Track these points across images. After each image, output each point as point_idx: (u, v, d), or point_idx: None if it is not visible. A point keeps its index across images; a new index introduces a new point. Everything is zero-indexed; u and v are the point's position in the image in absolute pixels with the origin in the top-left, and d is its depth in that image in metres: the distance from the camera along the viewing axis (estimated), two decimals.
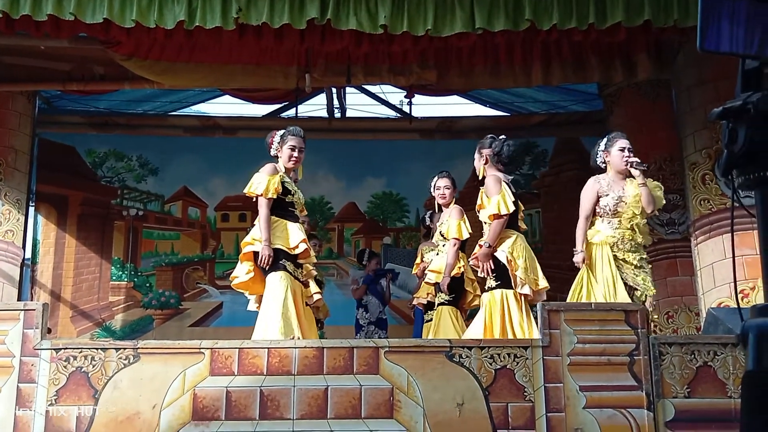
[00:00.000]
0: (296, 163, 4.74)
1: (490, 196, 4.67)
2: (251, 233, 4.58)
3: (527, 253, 4.72)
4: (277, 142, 4.73)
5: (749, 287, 5.77)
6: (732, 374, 3.77)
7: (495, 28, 5.28)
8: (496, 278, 4.65)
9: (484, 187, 4.78)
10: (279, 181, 4.58)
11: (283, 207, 4.63)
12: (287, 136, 4.73)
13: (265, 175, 4.58)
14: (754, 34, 1.27)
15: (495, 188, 4.67)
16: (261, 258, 4.39)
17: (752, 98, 1.25)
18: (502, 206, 4.59)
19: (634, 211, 4.70)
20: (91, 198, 8.85)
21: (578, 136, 9.00)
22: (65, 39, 6.15)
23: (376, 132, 9.25)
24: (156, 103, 9.21)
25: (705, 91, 6.35)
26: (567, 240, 8.77)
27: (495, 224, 4.63)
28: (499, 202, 4.60)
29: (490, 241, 4.63)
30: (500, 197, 4.61)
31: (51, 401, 3.72)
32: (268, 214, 4.52)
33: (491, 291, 4.65)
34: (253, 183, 4.60)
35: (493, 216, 4.62)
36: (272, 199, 4.55)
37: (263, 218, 4.50)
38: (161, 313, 8.70)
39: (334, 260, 9.05)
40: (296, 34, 5.77)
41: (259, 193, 4.54)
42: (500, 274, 4.64)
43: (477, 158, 4.90)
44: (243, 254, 4.57)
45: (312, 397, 3.72)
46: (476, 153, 4.91)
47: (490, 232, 4.65)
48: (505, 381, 3.73)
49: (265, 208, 4.53)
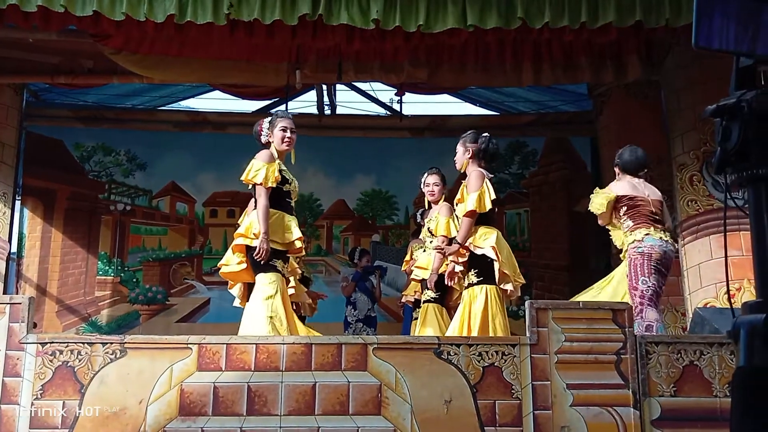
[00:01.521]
0: (290, 145, 4.60)
1: (470, 192, 4.66)
2: (247, 224, 4.43)
3: (508, 250, 4.73)
4: (267, 127, 4.60)
5: (734, 288, 5.81)
6: (718, 374, 3.80)
7: (487, 26, 5.29)
8: (478, 274, 4.64)
9: (465, 181, 4.78)
10: (277, 170, 4.45)
11: (280, 197, 4.50)
12: (276, 119, 4.62)
13: (263, 163, 4.41)
14: (747, 32, 1.28)
15: (476, 184, 4.67)
16: (258, 251, 4.25)
17: (746, 96, 1.26)
18: (479, 203, 4.60)
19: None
20: (79, 192, 8.79)
21: (568, 136, 9.05)
22: (54, 31, 6.10)
23: (367, 129, 9.24)
24: (145, 98, 9.15)
25: (694, 92, 6.40)
26: (555, 239, 8.91)
27: (467, 221, 4.62)
28: (478, 198, 4.59)
29: (461, 239, 4.62)
30: (479, 194, 4.61)
31: (36, 395, 3.70)
32: (267, 204, 4.36)
33: (473, 287, 4.64)
34: (252, 170, 4.41)
35: (469, 213, 4.61)
36: (271, 189, 4.41)
37: (262, 209, 4.34)
38: (148, 309, 8.65)
39: (322, 257, 9.04)
40: (287, 31, 5.74)
41: (258, 182, 4.37)
42: (482, 269, 4.62)
43: (461, 151, 4.88)
44: (235, 245, 4.45)
45: (300, 394, 3.71)
46: (460, 146, 4.89)
47: (462, 229, 4.65)
48: (493, 378, 3.74)
49: (264, 198, 4.37)
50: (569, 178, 8.84)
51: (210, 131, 9.02)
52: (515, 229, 8.93)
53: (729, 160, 1.27)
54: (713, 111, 1.30)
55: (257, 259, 4.29)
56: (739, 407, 1.19)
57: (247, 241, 4.38)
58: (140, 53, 6.63)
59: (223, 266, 4.55)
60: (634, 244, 4.73)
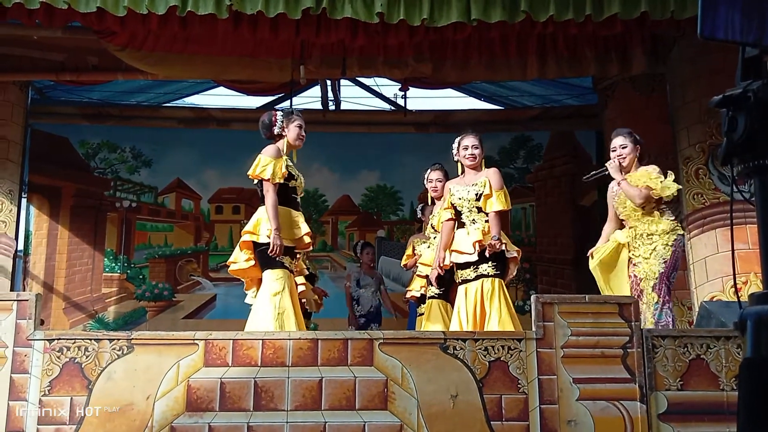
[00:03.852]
0: (302, 142, 4.66)
1: (496, 189, 4.68)
2: (255, 221, 4.43)
3: None
4: (281, 120, 4.61)
5: (741, 281, 5.79)
6: (725, 367, 3.79)
7: (491, 20, 5.27)
8: (496, 267, 4.61)
9: (489, 178, 4.74)
10: (284, 165, 4.46)
11: (287, 193, 4.51)
12: (293, 116, 4.65)
13: (271, 158, 4.42)
14: (752, 22, 1.27)
15: (501, 181, 4.73)
16: (272, 248, 4.26)
17: (752, 86, 1.25)
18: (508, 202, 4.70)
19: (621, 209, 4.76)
20: (84, 189, 8.82)
21: (573, 130, 9.03)
22: (58, 28, 6.11)
23: (371, 125, 9.23)
24: (150, 94, 9.17)
25: (699, 85, 6.37)
26: (561, 233, 8.89)
27: (499, 218, 4.66)
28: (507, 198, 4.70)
29: (498, 233, 4.61)
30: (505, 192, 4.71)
31: (44, 392, 3.71)
32: (276, 200, 4.38)
33: (488, 278, 4.60)
34: (259, 165, 4.41)
35: (501, 211, 4.67)
36: (278, 185, 4.42)
37: (272, 205, 4.35)
38: (154, 305, 8.68)
39: (328, 253, 9.05)
40: (291, 26, 5.74)
41: (267, 177, 4.37)
42: (500, 263, 4.62)
43: (479, 151, 4.85)
44: (242, 242, 4.45)
45: (306, 389, 3.72)
46: (479, 145, 4.87)
47: (496, 225, 4.63)
48: (499, 373, 3.74)
49: (273, 193, 4.38)
50: (574, 172, 8.82)
51: (215, 127, 9.03)
52: (520, 223, 8.92)
53: (735, 150, 1.27)
54: (719, 101, 1.30)
55: (271, 255, 4.29)
56: (746, 398, 1.19)
57: (254, 237, 4.38)
58: (145, 50, 6.64)
59: (231, 264, 4.56)
60: (678, 238, 4.63)
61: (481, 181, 4.74)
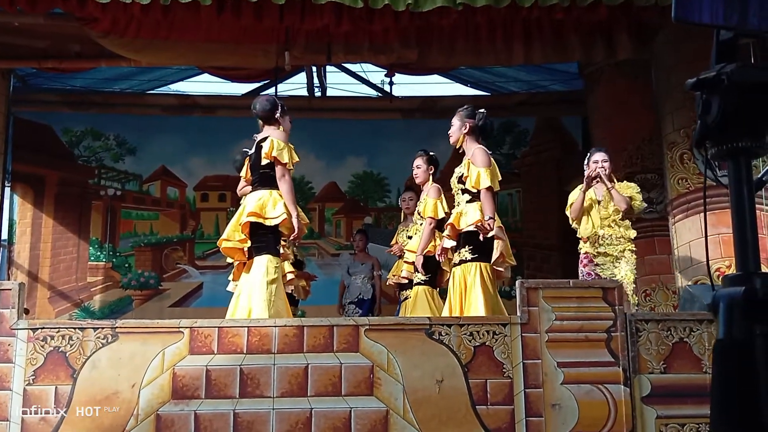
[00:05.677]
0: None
1: (480, 167, 4.59)
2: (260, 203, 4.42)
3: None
4: (283, 108, 4.71)
5: (725, 265, 5.83)
6: (707, 350, 3.82)
7: (477, 4, 5.24)
8: (473, 251, 4.58)
9: (470, 157, 4.68)
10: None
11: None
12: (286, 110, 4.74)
13: (285, 144, 4.50)
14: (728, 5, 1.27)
15: (485, 159, 4.62)
16: (297, 232, 4.42)
17: (726, 69, 1.26)
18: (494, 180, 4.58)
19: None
20: (68, 178, 8.75)
21: (559, 116, 9.05)
22: (40, 15, 6.03)
23: (357, 111, 9.21)
24: (133, 82, 9.08)
25: (684, 70, 6.37)
26: (547, 219, 8.92)
27: (489, 196, 4.55)
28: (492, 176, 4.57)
29: (491, 213, 4.53)
30: (491, 170, 4.59)
31: (28, 381, 3.70)
32: (293, 185, 4.51)
33: (466, 263, 4.59)
34: (276, 149, 4.45)
35: (489, 188, 4.54)
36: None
37: (289, 191, 4.45)
38: (140, 294, 8.65)
39: (315, 240, 9.04)
40: (275, 11, 5.70)
41: (285, 161, 4.46)
42: (477, 246, 4.57)
43: (457, 125, 4.78)
44: (244, 223, 4.42)
45: (292, 375, 3.72)
46: (456, 119, 4.81)
47: (487, 205, 4.54)
48: (484, 358, 3.76)
49: (290, 178, 4.49)
50: (560, 157, 8.85)
51: (199, 114, 8.98)
52: (507, 209, 8.93)
53: (709, 133, 1.27)
54: (693, 84, 1.31)
55: (293, 239, 4.49)
56: (718, 380, 1.20)
57: (260, 220, 4.39)
58: (127, 36, 6.57)
59: (224, 241, 4.54)
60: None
61: (465, 162, 4.72)
